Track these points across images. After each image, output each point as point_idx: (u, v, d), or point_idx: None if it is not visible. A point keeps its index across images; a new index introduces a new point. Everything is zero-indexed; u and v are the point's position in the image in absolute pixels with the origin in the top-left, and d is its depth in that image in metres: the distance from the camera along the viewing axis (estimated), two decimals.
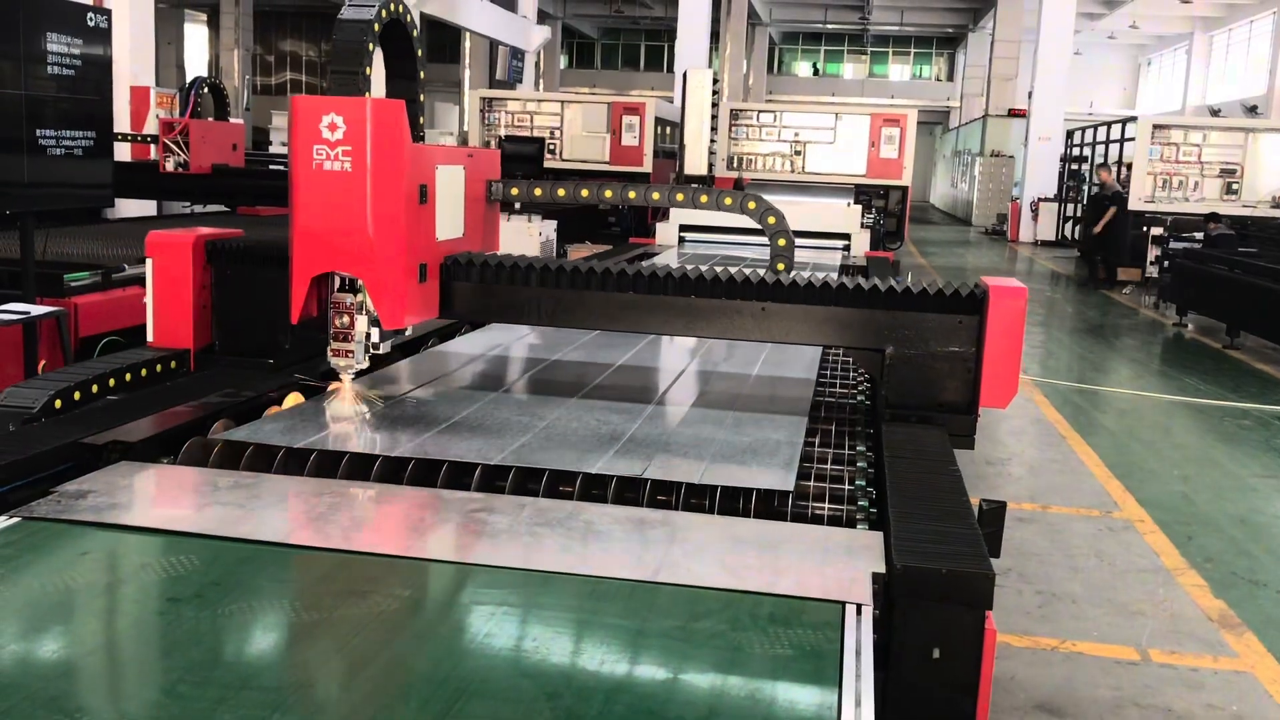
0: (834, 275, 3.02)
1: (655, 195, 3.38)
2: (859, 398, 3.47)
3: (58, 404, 2.79)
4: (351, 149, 2.69)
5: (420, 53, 3.42)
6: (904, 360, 2.94)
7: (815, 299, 2.96)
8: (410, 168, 2.78)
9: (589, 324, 3.23)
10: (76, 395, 2.87)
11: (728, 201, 3.30)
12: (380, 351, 2.93)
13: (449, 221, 3.05)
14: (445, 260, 3.04)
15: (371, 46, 2.97)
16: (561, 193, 3.35)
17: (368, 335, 2.85)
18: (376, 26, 2.95)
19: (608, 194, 3.38)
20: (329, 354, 2.89)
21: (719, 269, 3.02)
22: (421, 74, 3.48)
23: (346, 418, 2.85)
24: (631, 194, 3.39)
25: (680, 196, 3.37)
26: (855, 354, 3.05)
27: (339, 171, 2.70)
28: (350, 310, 2.83)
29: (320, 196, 2.73)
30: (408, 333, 3.02)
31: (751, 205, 3.27)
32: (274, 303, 3.18)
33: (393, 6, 3.02)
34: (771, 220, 3.24)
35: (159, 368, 3.23)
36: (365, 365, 2.92)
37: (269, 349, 3.36)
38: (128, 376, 3.09)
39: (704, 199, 3.31)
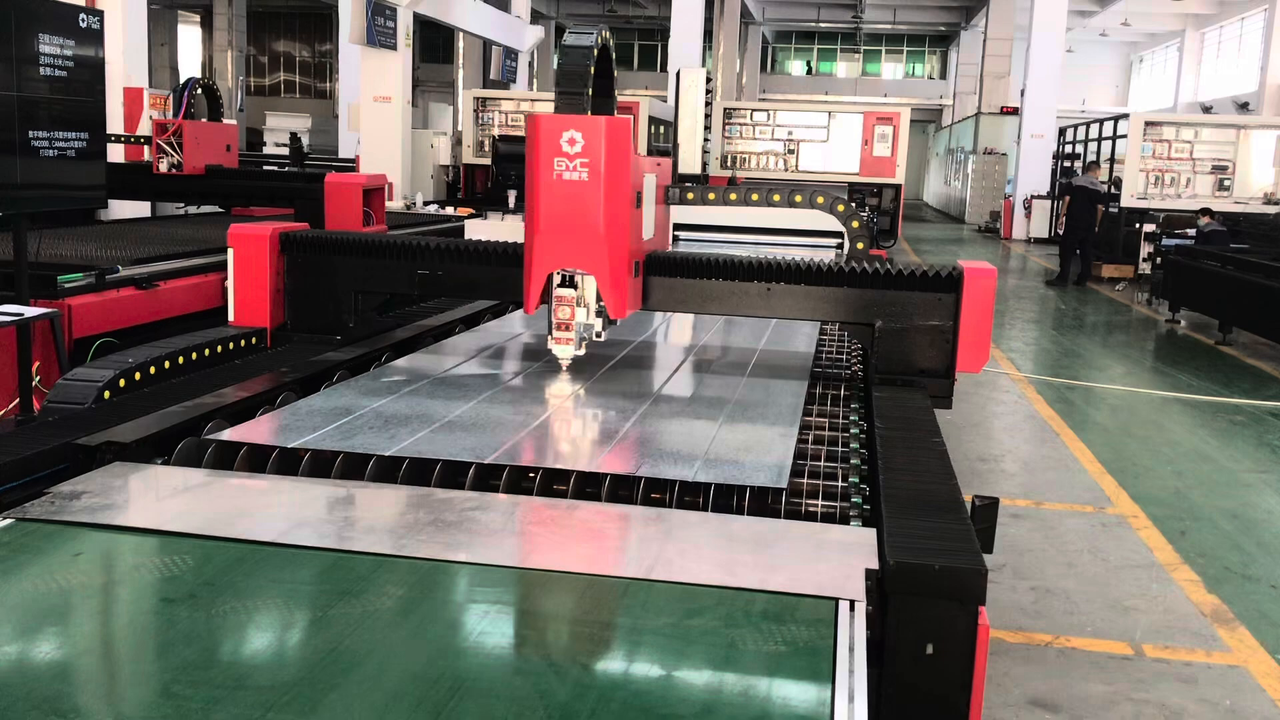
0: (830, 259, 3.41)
1: (820, 200, 4.04)
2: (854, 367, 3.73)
3: (137, 376, 3.13)
4: (589, 161, 3.07)
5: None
6: (891, 332, 3.42)
7: (814, 280, 3.45)
8: (633, 176, 3.20)
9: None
10: (166, 364, 3.28)
11: (799, 199, 3.96)
12: (600, 340, 3.31)
13: (650, 223, 3.50)
14: (647, 258, 3.50)
15: (593, 70, 3.32)
16: (734, 196, 3.96)
17: (590, 326, 3.24)
18: (595, 52, 3.32)
19: (775, 197, 3.99)
20: (550, 342, 3.28)
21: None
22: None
23: (344, 415, 2.86)
24: (798, 198, 4.04)
25: (799, 198, 4.03)
26: (849, 327, 3.55)
27: (577, 181, 3.08)
28: (570, 303, 3.21)
29: (559, 202, 3.09)
30: (615, 323, 3.41)
31: (840, 208, 3.99)
32: (339, 287, 3.81)
33: (604, 34, 3.45)
34: (842, 208, 3.98)
35: (241, 343, 3.68)
36: (582, 353, 3.29)
37: (335, 327, 3.83)
38: (218, 349, 3.55)
39: (818, 199, 4.03)
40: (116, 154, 10.50)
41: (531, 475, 2.47)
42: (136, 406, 2.80)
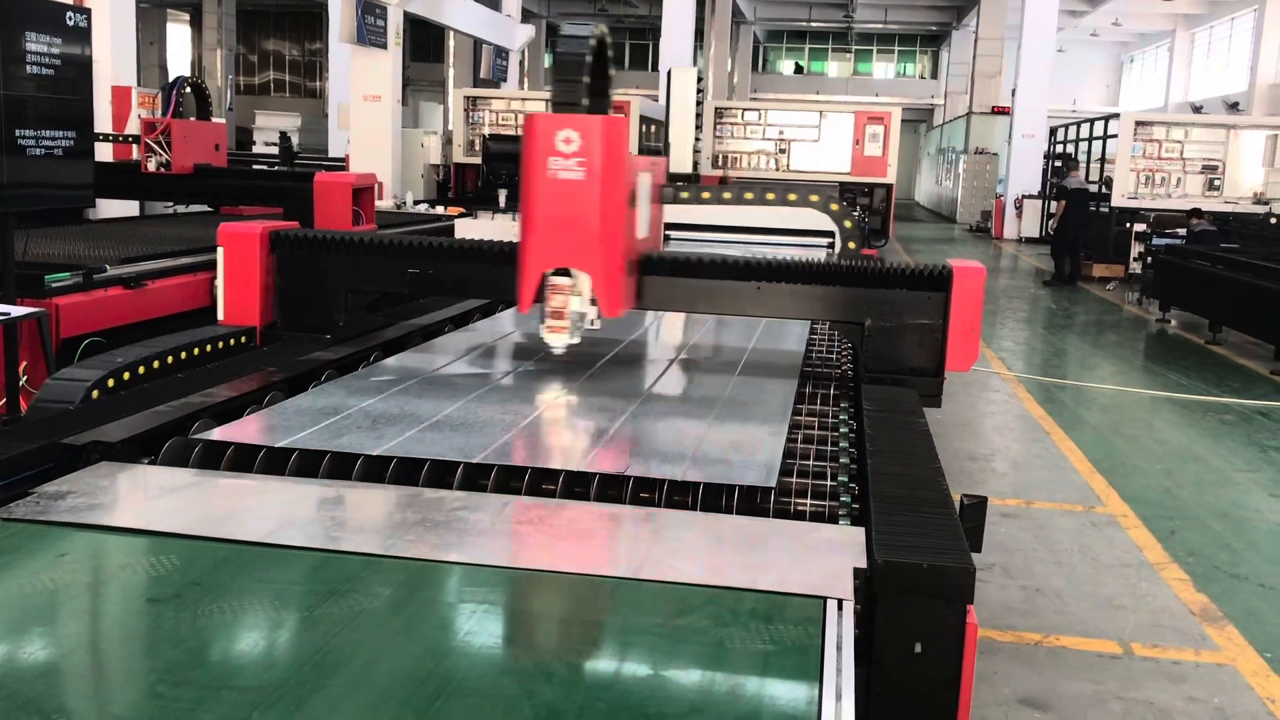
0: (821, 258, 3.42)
1: (813, 197, 4.16)
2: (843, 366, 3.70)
3: (126, 375, 3.09)
4: (585, 160, 3.07)
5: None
6: (881, 330, 3.40)
7: (804, 279, 3.44)
8: (628, 176, 3.20)
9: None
10: (156, 364, 3.24)
11: (792, 197, 4.16)
12: (594, 329, 3.28)
13: (643, 222, 3.48)
14: (640, 257, 3.48)
15: (589, 60, 3.28)
16: (727, 195, 4.11)
17: (583, 315, 3.21)
18: (593, 43, 3.28)
19: (770, 195, 4.12)
20: (544, 330, 3.23)
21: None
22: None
23: (332, 415, 2.85)
24: (792, 196, 4.13)
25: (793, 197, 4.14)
26: (839, 326, 3.53)
27: (572, 180, 3.07)
28: (565, 291, 3.19)
29: (554, 201, 3.09)
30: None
31: (834, 207, 4.08)
32: (329, 285, 3.78)
33: (602, 31, 3.41)
34: (835, 208, 4.13)
35: (231, 342, 3.63)
36: (577, 341, 3.24)
37: (324, 326, 3.79)
38: (207, 348, 3.50)
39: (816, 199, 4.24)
40: (105, 153, 10.46)
41: (520, 475, 2.47)
42: (123, 406, 2.78)
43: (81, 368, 3.10)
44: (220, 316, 3.78)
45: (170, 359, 3.31)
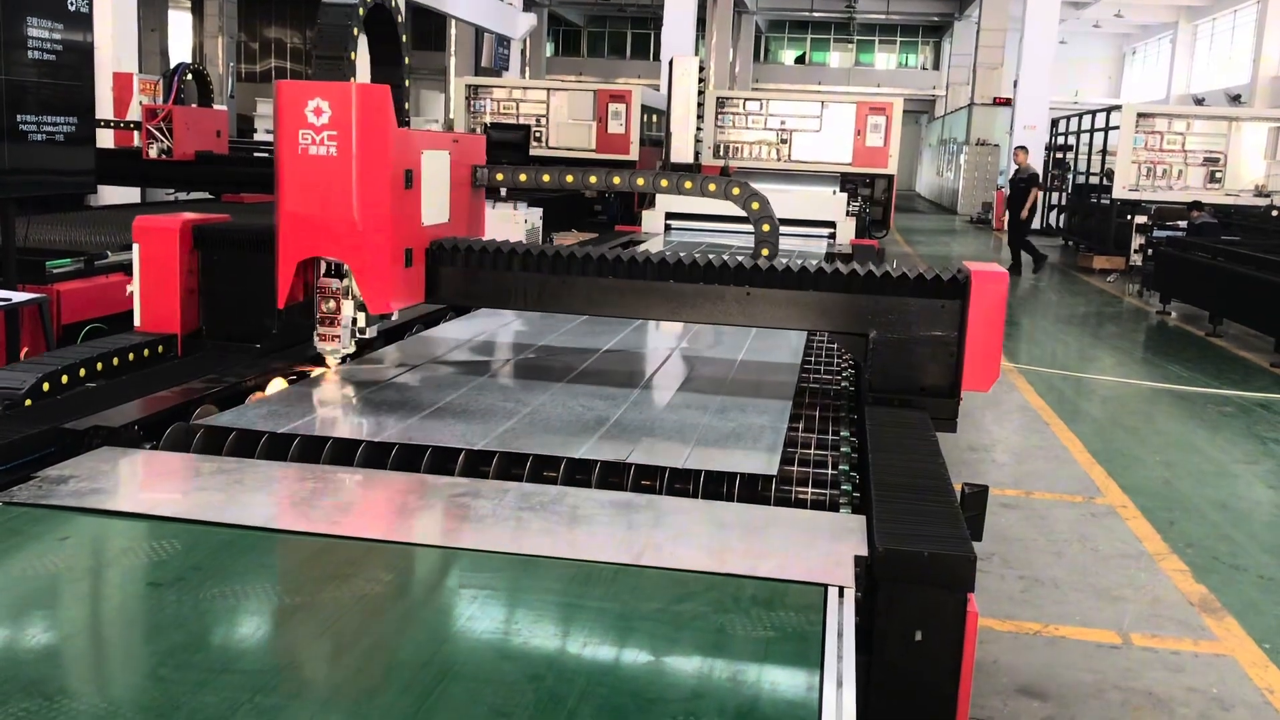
0: (818, 260, 3.07)
1: (640, 181, 3.42)
2: (843, 382, 3.48)
3: (45, 387, 2.79)
4: (337, 134, 2.72)
5: (405, 38, 3.42)
6: (887, 344, 2.97)
7: (799, 284, 3.00)
8: (396, 153, 2.81)
9: (574, 309, 3.27)
10: (64, 379, 2.87)
11: (711, 187, 3.34)
12: (367, 336, 2.95)
13: (435, 207, 3.07)
14: (431, 245, 3.07)
15: (356, 32, 2.99)
16: (546, 178, 3.37)
17: (354, 320, 2.88)
18: (361, 11, 2.98)
19: (592, 179, 3.40)
20: (315, 339, 2.92)
21: (698, 254, 3.05)
22: (407, 60, 3.47)
23: (333, 402, 2.85)
24: (616, 179, 3.41)
25: (664, 182, 3.38)
26: (839, 338, 3.08)
27: (324, 156, 2.73)
28: (337, 295, 2.85)
29: (306, 181, 2.76)
30: (394, 318, 3.06)
31: (736, 191, 3.28)
32: (261, 288, 3.14)
33: None
34: (755, 206, 3.26)
35: (146, 352, 3.23)
36: (351, 350, 2.95)
37: (256, 334, 3.38)
38: (115, 361, 3.09)
39: (688, 184, 3.35)
40: (106, 139, 10.45)
41: (522, 462, 2.47)
42: (125, 391, 2.78)
43: None
44: (136, 323, 3.36)
45: (83, 371, 2.94)
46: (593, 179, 3.40)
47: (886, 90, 41.30)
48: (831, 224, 8.84)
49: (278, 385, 3.03)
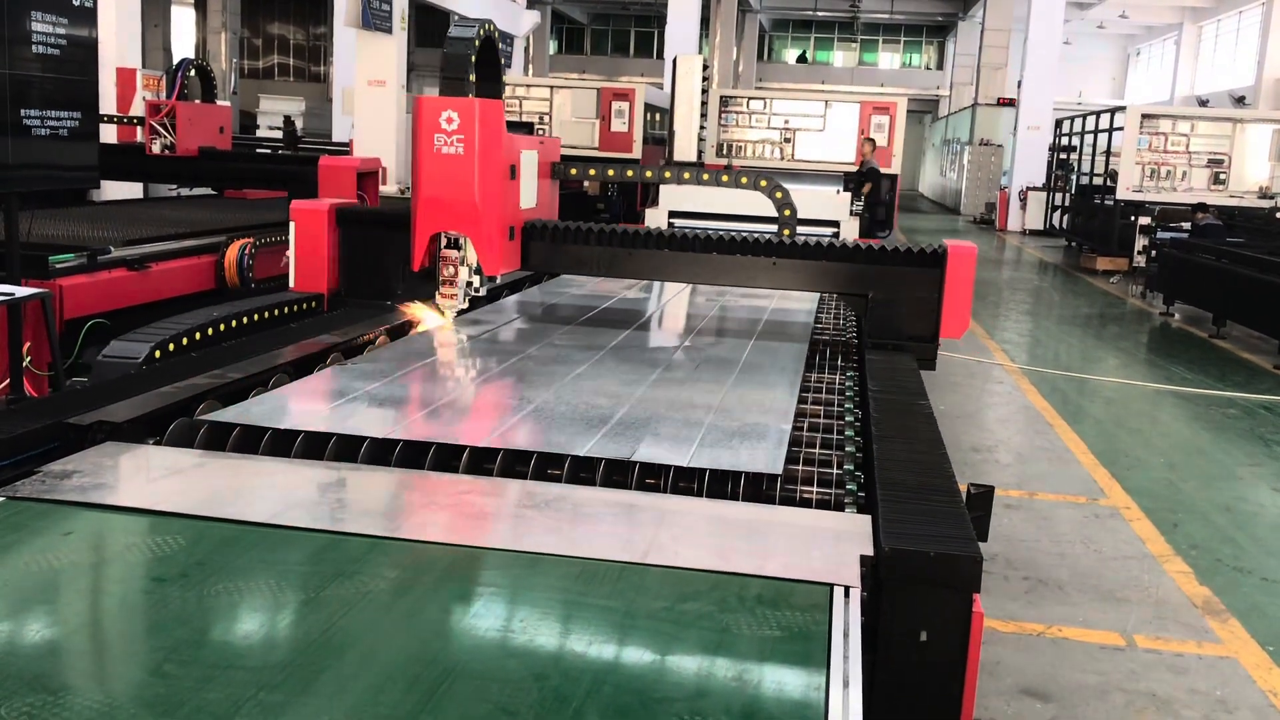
0: (828, 239, 3.81)
1: (686, 175, 4.32)
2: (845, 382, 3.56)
3: (210, 331, 3.52)
4: (464, 137, 3.54)
5: (501, 60, 3.79)
6: (883, 302, 3.81)
7: (814, 256, 3.87)
8: (505, 152, 3.66)
9: (640, 275, 4.30)
10: (234, 323, 3.70)
11: (744, 181, 4.30)
12: (480, 294, 3.80)
13: (529, 194, 3.91)
14: (526, 224, 3.92)
15: (474, 59, 3.66)
16: (610, 172, 4.35)
17: (469, 283, 3.71)
18: (476, 43, 3.68)
19: (648, 175, 4.38)
20: (437, 297, 3.75)
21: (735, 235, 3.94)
22: (503, 79, 4.31)
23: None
24: (675, 174, 4.30)
25: (706, 176, 4.36)
26: (845, 297, 3.98)
27: (453, 155, 3.55)
28: (455, 263, 3.69)
29: (438, 173, 3.58)
30: (498, 280, 4.12)
31: (764, 183, 4.18)
32: (388, 257, 4.18)
33: (487, 27, 3.79)
34: (779, 195, 4.15)
35: (301, 306, 4.11)
36: (465, 306, 3.79)
37: (385, 293, 4.20)
38: (278, 312, 3.95)
39: (725, 179, 4.45)
40: (109, 135, 10.44)
41: (526, 459, 2.46)
42: (129, 386, 2.78)
43: (146, 331, 3.37)
44: (291, 284, 4.21)
45: (246, 320, 3.79)
46: (649, 174, 4.36)
47: (890, 90, 41.27)
48: (835, 223, 8.84)
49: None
